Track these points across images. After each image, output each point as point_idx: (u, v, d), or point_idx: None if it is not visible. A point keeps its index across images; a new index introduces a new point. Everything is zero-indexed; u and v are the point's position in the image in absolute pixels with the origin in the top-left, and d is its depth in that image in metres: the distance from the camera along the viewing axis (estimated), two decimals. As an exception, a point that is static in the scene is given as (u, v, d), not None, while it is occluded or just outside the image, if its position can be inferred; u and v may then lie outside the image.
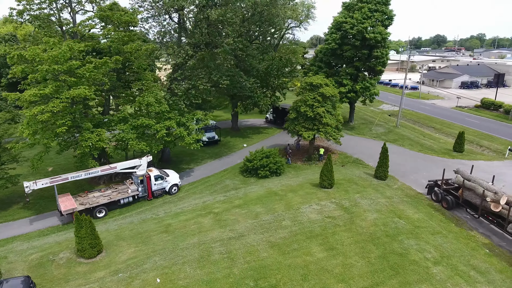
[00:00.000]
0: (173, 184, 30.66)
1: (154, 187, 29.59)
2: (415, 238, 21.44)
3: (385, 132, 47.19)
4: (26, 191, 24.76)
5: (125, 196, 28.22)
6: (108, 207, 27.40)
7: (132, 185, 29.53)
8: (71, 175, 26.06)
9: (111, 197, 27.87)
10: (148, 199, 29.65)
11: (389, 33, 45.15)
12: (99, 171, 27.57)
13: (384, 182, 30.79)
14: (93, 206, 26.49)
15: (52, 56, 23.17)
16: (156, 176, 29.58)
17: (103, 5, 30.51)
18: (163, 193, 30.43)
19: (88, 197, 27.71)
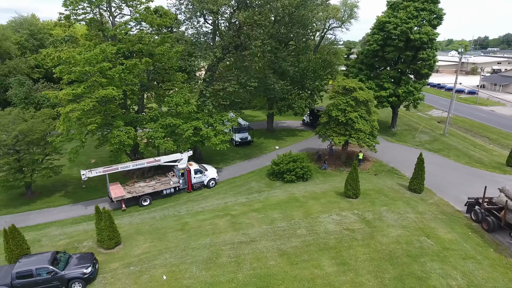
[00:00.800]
0: (211, 178, 32.18)
1: (193, 180, 31.31)
2: (441, 261, 19.40)
3: (430, 141, 43.62)
4: (83, 178, 27.09)
5: (167, 187, 30.08)
6: (152, 196, 29.28)
7: (174, 178, 31.44)
8: (120, 166, 28.19)
9: (155, 187, 29.78)
10: (187, 191, 31.35)
11: (437, 33, 41.68)
12: (145, 163, 29.47)
13: (418, 195, 28.44)
14: (139, 195, 28.54)
15: (85, 58, 24.84)
16: (196, 170, 31.38)
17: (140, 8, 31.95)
18: (201, 186, 32.06)
19: (134, 187, 29.78)
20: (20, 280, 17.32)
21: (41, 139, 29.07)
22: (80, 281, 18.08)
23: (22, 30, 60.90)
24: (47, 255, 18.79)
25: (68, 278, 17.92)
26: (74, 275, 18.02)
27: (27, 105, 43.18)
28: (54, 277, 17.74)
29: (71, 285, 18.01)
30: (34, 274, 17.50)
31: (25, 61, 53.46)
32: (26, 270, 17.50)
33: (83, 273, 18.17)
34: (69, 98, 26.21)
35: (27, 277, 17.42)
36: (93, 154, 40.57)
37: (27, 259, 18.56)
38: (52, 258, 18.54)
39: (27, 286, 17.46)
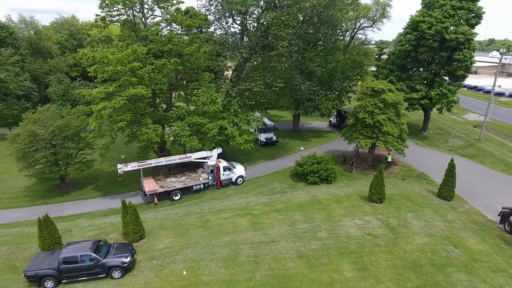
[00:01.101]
0: (239, 175, 32.86)
1: (222, 177, 32.19)
2: (468, 273, 18.48)
3: (464, 146, 41.54)
4: (119, 172, 28.38)
5: (197, 183, 31.10)
6: (183, 191, 30.37)
7: (203, 174, 32.45)
8: (154, 161, 29.30)
9: (186, 183, 30.97)
10: (216, 187, 32.24)
11: (475, 33, 39.57)
12: (177, 159, 30.47)
13: (448, 203, 27.22)
14: (171, 190, 29.63)
15: (117, 58, 25.95)
16: (225, 167, 32.28)
17: (171, 9, 32.88)
18: (229, 183, 32.79)
19: (166, 181, 30.98)
20: (66, 265, 18.47)
21: (75, 135, 30.68)
22: (119, 270, 19.04)
23: (63, 30, 64.48)
24: (90, 243, 19.93)
25: (109, 266, 18.92)
26: (114, 263, 18.99)
27: (65, 102, 45.72)
28: (97, 264, 18.79)
29: (111, 272, 19.00)
30: (78, 260, 18.60)
31: (65, 60, 56.68)
32: (72, 256, 18.64)
33: (122, 262, 19.11)
34: (102, 96, 27.46)
35: (72, 263, 18.54)
36: (123, 150, 42.22)
37: (72, 246, 19.72)
38: (95, 246, 19.64)
39: (72, 271, 18.60)
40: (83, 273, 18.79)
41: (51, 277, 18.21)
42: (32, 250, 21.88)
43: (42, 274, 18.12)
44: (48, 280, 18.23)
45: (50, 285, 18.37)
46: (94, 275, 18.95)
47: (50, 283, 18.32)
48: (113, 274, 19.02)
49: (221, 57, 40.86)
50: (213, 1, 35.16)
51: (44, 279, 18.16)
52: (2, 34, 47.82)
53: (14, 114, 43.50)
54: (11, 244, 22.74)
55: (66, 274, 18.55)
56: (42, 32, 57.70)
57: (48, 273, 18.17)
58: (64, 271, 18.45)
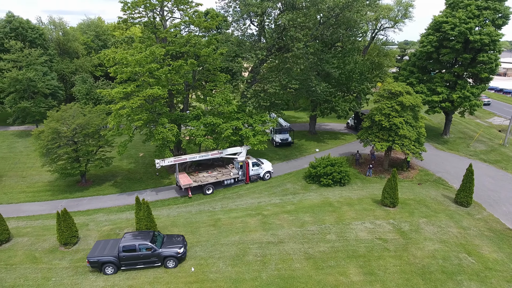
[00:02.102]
0: (266, 171, 34.06)
1: (251, 172, 33.42)
2: (480, 282, 17.92)
3: (486, 151, 40.02)
4: (157, 167, 29.88)
5: (228, 178, 32.41)
6: (215, 186, 31.81)
7: (233, 169, 33.72)
8: (188, 156, 30.76)
9: (217, 177, 32.32)
10: (245, 182, 33.44)
11: (501, 34, 38.06)
12: (209, 154, 31.87)
13: (465, 209, 26.40)
14: (204, 184, 31.03)
15: (136, 59, 26.83)
16: (253, 163, 33.60)
17: (190, 11, 33.60)
18: (258, 179, 33.96)
19: (198, 176, 32.40)
20: (126, 253, 19.57)
21: (96, 132, 31.91)
22: (173, 259, 19.98)
23: (89, 31, 66.95)
24: (147, 233, 20.96)
25: (164, 256, 19.88)
26: (169, 253, 19.92)
27: (88, 100, 47.54)
28: (153, 253, 19.79)
29: (166, 262, 19.93)
30: (137, 249, 19.65)
31: (90, 60, 58.85)
32: (131, 244, 19.71)
33: (177, 252, 20.03)
34: (120, 96, 28.46)
35: (131, 251, 19.63)
36: (141, 148, 43.46)
37: (130, 235, 20.74)
38: (151, 236, 20.57)
39: (130, 259, 19.67)
40: (141, 261, 19.83)
41: (111, 263, 19.44)
42: (51, 242, 23.02)
43: (104, 260, 19.39)
44: (108, 266, 19.46)
45: (110, 271, 19.56)
46: (150, 264, 19.94)
47: (110, 269, 19.53)
48: (168, 264, 19.94)
49: (239, 58, 41.32)
50: (231, 3, 35.70)
51: (105, 266, 19.42)
52: (32, 35, 50.21)
53: (41, 112, 45.64)
54: (32, 236, 24.00)
55: (125, 262, 19.67)
56: (70, 33, 60.15)
57: (109, 260, 19.41)
58: (124, 258, 19.57)
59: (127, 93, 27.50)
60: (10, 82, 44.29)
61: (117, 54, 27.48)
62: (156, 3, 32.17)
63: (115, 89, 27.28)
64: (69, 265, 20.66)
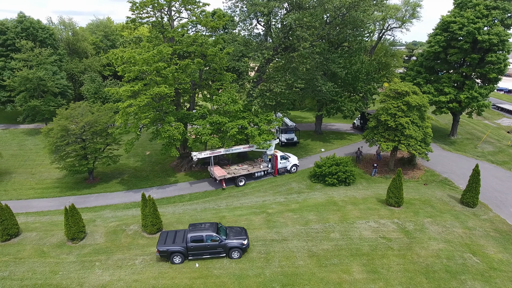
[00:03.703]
0: (293, 164, 35.52)
1: (279, 165, 34.91)
2: (485, 281, 17.82)
3: (494, 152, 39.62)
4: (194, 159, 31.55)
5: (258, 170, 34.06)
6: (246, 178, 33.24)
7: (263, 163, 35.48)
8: (223, 150, 32.36)
9: (249, 170, 33.94)
10: (274, 175, 34.94)
11: (510, 34, 37.69)
12: (241, 148, 33.59)
13: (471, 210, 26.22)
14: (237, 176, 32.53)
15: (143, 58, 27.23)
16: (281, 156, 35.04)
17: (197, 11, 33.93)
18: (285, 172, 35.48)
19: (230, 169, 33.87)
20: (194, 244, 20.21)
21: (103, 130, 32.41)
22: (238, 250, 20.48)
23: (98, 31, 67.89)
24: (210, 225, 21.46)
25: (230, 247, 20.41)
26: (235, 244, 20.46)
27: (96, 99, 48.23)
28: (220, 244, 20.37)
29: (231, 253, 20.44)
30: (204, 239, 20.28)
31: (99, 60, 59.67)
32: (199, 235, 20.33)
33: (242, 243, 20.56)
34: (128, 95, 28.89)
35: (199, 242, 20.27)
36: (148, 147, 43.96)
37: (195, 226, 21.30)
38: (216, 228, 21.09)
39: (198, 249, 20.32)
40: (207, 252, 20.41)
41: (180, 253, 20.12)
42: (59, 237, 23.46)
43: (173, 250, 20.06)
44: (176, 256, 20.15)
45: (178, 261, 20.25)
46: (216, 254, 20.50)
47: (178, 259, 20.22)
48: (233, 255, 20.42)
49: (245, 58, 41.53)
50: (238, 3, 35.94)
51: (173, 255, 20.11)
52: (43, 35, 51.11)
53: (50, 110, 46.41)
54: (41, 231, 24.49)
55: (192, 252, 20.29)
56: (79, 33, 61.09)
57: (178, 249, 20.07)
58: (192, 248, 20.21)
59: (134, 92, 27.91)
60: (20, 81, 45.16)
61: (125, 53, 27.91)
62: (164, 3, 32.58)
63: (123, 87, 27.71)
64: (76, 260, 21.05)
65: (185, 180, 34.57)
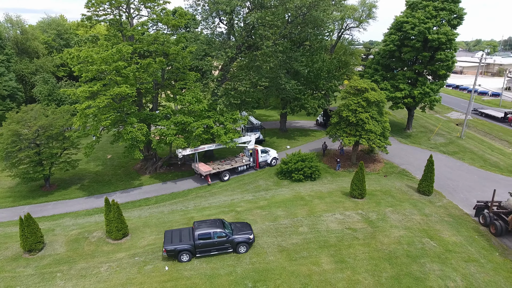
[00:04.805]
0: (273, 157, 36.81)
1: (260, 159, 36.10)
2: (441, 263, 19.17)
3: (445, 143, 42.58)
4: (179, 156, 32.00)
5: (241, 164, 35.04)
6: (230, 172, 34.04)
7: (245, 157, 36.57)
8: (207, 146, 33.14)
9: (232, 164, 34.80)
10: (256, 168, 36.07)
11: (456, 33, 40.59)
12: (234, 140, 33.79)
13: (427, 198, 28.00)
14: (221, 171, 33.24)
15: (102, 57, 26.09)
16: (262, 150, 36.38)
17: (157, 9, 33.05)
18: (265, 165, 36.71)
19: (214, 165, 34.48)
20: (201, 241, 20.21)
21: (60, 134, 30.65)
22: (245, 245, 20.71)
23: (50, 30, 63.96)
24: (215, 221, 21.61)
25: (237, 242, 20.58)
26: (242, 239, 20.66)
27: (50, 102, 45.46)
28: (227, 240, 20.49)
29: (238, 248, 20.59)
30: (212, 236, 20.33)
31: (51, 60, 56.28)
32: (206, 232, 20.37)
33: (248, 238, 20.77)
34: (86, 96, 27.54)
35: (206, 239, 20.27)
36: (109, 150, 42.21)
37: (201, 223, 21.29)
38: (222, 224, 21.22)
39: (206, 246, 20.32)
40: (215, 248, 20.45)
41: (187, 251, 20.07)
42: (14, 250, 21.90)
43: (180, 248, 19.99)
44: (184, 254, 20.06)
45: (185, 259, 20.15)
46: (223, 250, 20.59)
47: (186, 257, 20.15)
48: (240, 249, 20.61)
49: (208, 57, 41.16)
50: (200, 1, 35.52)
51: (181, 253, 20.01)
52: (-14, 34, 47.40)
53: (-2, 115, 43.22)
54: (-7, 243, 22.70)
55: (200, 249, 20.29)
56: (29, 32, 57.16)
57: (186, 248, 20.04)
58: (199, 246, 20.21)
59: (93, 92, 26.67)
60: (-38, 83, 41.57)
61: (82, 52, 26.57)
62: (122, 0, 31.39)
63: (80, 88, 26.38)
64: (34, 272, 19.77)
65: (151, 183, 33.65)
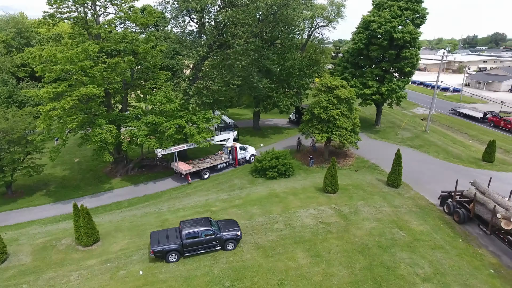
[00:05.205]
0: (251, 154, 37.33)
1: (239, 156, 36.66)
2: (410, 252, 20.04)
3: (412, 137, 44.45)
4: (158, 156, 31.51)
5: (221, 162, 35.37)
6: (210, 170, 34.33)
7: (224, 155, 36.91)
8: (186, 145, 32.77)
9: (212, 162, 35.08)
10: (235, 166, 36.48)
11: (420, 32, 42.43)
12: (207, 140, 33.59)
13: (396, 190, 29.11)
14: (201, 169, 33.46)
15: (66, 56, 24.99)
16: (241, 147, 36.93)
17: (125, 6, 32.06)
18: (244, 162, 37.10)
19: (194, 163, 34.59)
20: (189, 240, 20.06)
21: (22, 138, 29.07)
22: (233, 242, 20.80)
23: (9, 28, 60.39)
24: (202, 219, 21.65)
25: (225, 239, 20.61)
26: (230, 236, 20.71)
27: (11, 104, 42.98)
28: (215, 237, 20.47)
29: (226, 245, 20.62)
30: (200, 235, 20.25)
31: (11, 60, 53.15)
32: (194, 231, 20.27)
33: (236, 234, 20.86)
34: (50, 97, 26.29)
35: (194, 237, 20.16)
36: (77, 153, 40.60)
37: (187, 223, 21.17)
38: (209, 222, 21.16)
39: (194, 245, 20.20)
40: (203, 246, 20.38)
41: (175, 251, 19.88)
42: (-25, 261, 20.55)
43: (168, 249, 19.78)
44: (172, 254, 19.85)
45: (173, 259, 19.95)
46: (211, 248, 20.55)
47: (174, 257, 19.94)
48: (228, 246, 20.66)
49: (179, 56, 40.48)
50: (170, -1, 34.84)
51: (169, 254, 19.79)
52: None
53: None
54: (-50, 257, 21.15)
55: (188, 248, 20.16)
56: (-16, 30, 53.78)
57: (174, 248, 19.85)
58: (188, 245, 20.08)
59: (58, 93, 25.50)
60: None
61: (45, 51, 25.31)
62: (86, -3, 30.20)
63: (44, 89, 25.15)
64: (-3, 285, 18.68)
65: (122, 186, 32.72)
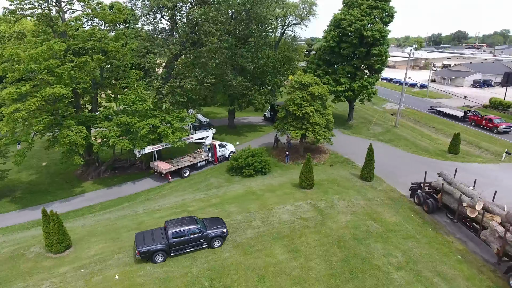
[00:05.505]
0: (230, 151, 37.49)
1: (218, 153, 36.89)
2: (384, 242, 20.78)
3: (383, 132, 45.97)
4: (137, 156, 31.60)
5: (200, 160, 35.41)
6: (190, 168, 34.32)
7: (203, 152, 37.06)
8: (164, 144, 32.43)
9: (191, 160, 35.03)
10: (215, 163, 36.67)
11: (388, 30, 43.89)
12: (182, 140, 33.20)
13: (369, 183, 30.03)
14: (181, 167, 33.42)
15: (30, 55, 23.78)
16: (220, 145, 37.21)
17: (92, 3, 30.91)
18: (224, 159, 37.18)
19: (173, 162, 34.40)
20: (176, 239, 19.87)
21: (-17, 142, 27.42)
22: (220, 239, 20.84)
23: (-36, 26, 56.52)
24: (187, 218, 21.54)
25: (212, 237, 20.60)
26: (216, 233, 20.72)
27: (-31, 106, 40.34)
28: (202, 235, 20.41)
29: (213, 242, 20.61)
30: (186, 233, 20.10)
31: (-33, 60, 49.86)
32: (179, 230, 20.13)
33: (222, 232, 20.92)
34: (13, 98, 24.94)
35: (180, 237, 20.00)
36: (44, 157, 38.86)
37: (173, 222, 20.94)
38: (194, 221, 21.11)
39: (180, 244, 20.02)
40: (189, 245, 20.22)
41: (162, 251, 19.59)
42: None
43: (154, 249, 19.49)
44: (158, 254, 19.56)
45: (160, 259, 19.67)
46: (198, 246, 20.45)
47: (160, 257, 19.67)
48: (214, 244, 20.66)
49: (151, 54, 39.58)
50: (140, -4, 33.97)
51: (155, 254, 19.48)
52: None
53: None
54: None
55: (175, 248, 19.95)
56: None
57: (160, 248, 19.57)
58: (174, 244, 19.86)
59: (21, 94, 24.21)
60: None
61: (6, 50, 23.98)
62: (50, -7, 28.86)
63: (6, 90, 23.82)
64: (-40, 298, 17.58)
65: (94, 189, 31.68)
